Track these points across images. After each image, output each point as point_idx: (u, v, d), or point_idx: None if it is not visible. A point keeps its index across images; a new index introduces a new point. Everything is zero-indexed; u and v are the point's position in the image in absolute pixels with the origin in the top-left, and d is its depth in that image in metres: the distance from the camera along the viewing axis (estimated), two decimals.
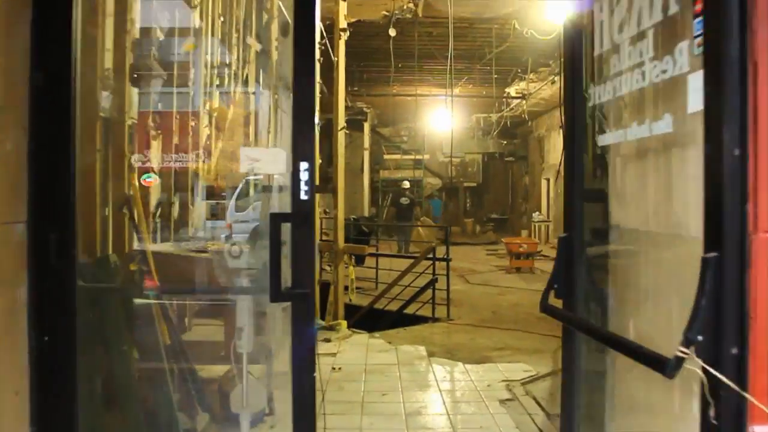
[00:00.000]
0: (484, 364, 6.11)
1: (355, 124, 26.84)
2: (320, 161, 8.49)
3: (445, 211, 28.87)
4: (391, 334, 7.58)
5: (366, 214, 24.49)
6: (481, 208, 29.98)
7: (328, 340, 7.17)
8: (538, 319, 8.54)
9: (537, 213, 22.04)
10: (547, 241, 20.36)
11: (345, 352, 6.64)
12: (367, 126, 26.32)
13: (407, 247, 18.36)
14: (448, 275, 8.82)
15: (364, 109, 25.34)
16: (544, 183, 22.85)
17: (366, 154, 26.54)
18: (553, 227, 21.36)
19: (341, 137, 7.70)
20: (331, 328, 7.73)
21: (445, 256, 8.89)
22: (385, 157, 28.72)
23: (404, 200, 19.50)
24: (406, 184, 20.40)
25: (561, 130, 19.55)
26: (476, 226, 27.40)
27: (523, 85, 18.32)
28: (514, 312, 9.16)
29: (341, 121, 7.71)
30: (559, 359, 6.28)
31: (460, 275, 13.22)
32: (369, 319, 9.49)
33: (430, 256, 8.89)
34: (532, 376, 5.65)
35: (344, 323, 7.80)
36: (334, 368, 5.94)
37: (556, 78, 15.61)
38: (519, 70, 17.41)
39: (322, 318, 8.11)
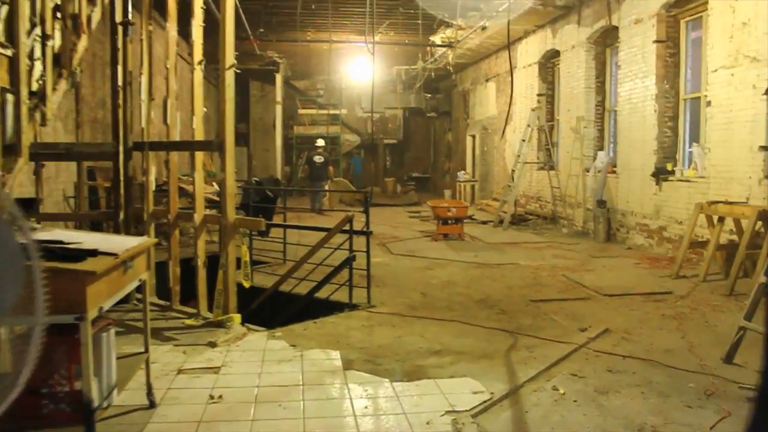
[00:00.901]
0: (418, 381, 4.56)
1: (266, 76, 24.69)
2: (205, 110, 6.65)
3: (364, 171, 27.26)
4: (297, 332, 5.93)
5: (279, 173, 22.62)
6: (402, 167, 28.52)
7: (213, 345, 5.44)
8: (476, 303, 7.12)
9: (462, 172, 20.72)
10: (473, 202, 19.10)
11: (233, 365, 4.95)
12: (279, 78, 24.21)
13: (320, 206, 17.00)
14: (368, 252, 7.20)
15: (276, 59, 23.18)
16: (469, 140, 21.51)
17: (279, 109, 24.50)
18: (479, 186, 20.10)
19: (230, 77, 5.87)
20: (219, 325, 6.01)
21: (365, 229, 7.26)
22: (300, 112, 26.72)
23: (318, 159, 17.93)
24: (321, 142, 18.75)
25: (486, 84, 18.08)
26: (397, 185, 25.93)
27: (449, 32, 16.71)
28: (447, 293, 7.68)
29: (230, 56, 5.88)
30: (515, 368, 4.81)
31: (381, 243, 11.69)
32: (272, 305, 7.83)
33: (347, 228, 7.24)
34: (485, 402, 4.13)
35: (237, 318, 6.09)
36: (212, 397, 4.24)
37: (487, 23, 14.06)
38: (446, 15, 15.78)
39: (209, 310, 6.38)
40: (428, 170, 28.09)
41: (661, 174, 10.65)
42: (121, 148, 6.74)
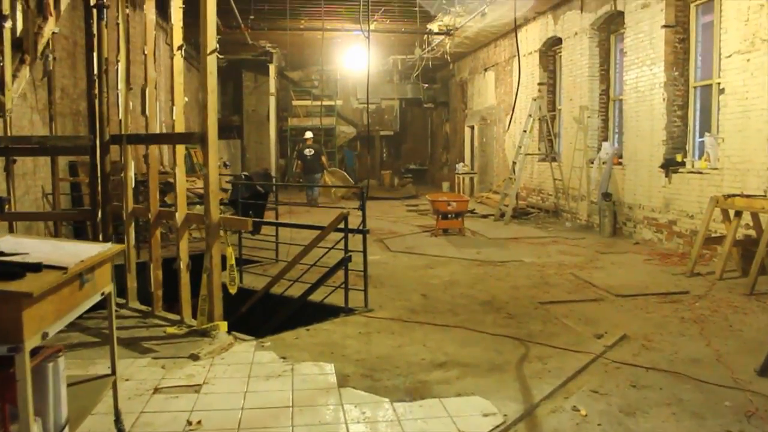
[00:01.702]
0: (422, 401, 4.08)
1: (259, 67, 24.10)
2: (186, 99, 6.13)
3: (359, 163, 26.70)
4: (288, 341, 5.45)
5: (273, 166, 22.09)
6: (399, 159, 27.98)
7: (195, 358, 4.96)
8: (481, 306, 6.63)
9: (461, 164, 20.22)
10: (472, 195, 18.60)
11: (216, 382, 4.47)
12: (273, 68, 23.60)
13: (314, 199, 16.81)
14: (365, 254, 6.70)
15: (269, 49, 22.59)
16: (467, 131, 20.99)
17: (272, 100, 23.90)
18: (479, 179, 19.61)
19: (211, 64, 5.36)
20: (204, 334, 5.52)
21: (361, 226, 6.77)
22: (294, 103, 26.12)
23: (308, 152, 17.58)
24: (309, 134, 18.38)
25: (485, 73, 17.58)
26: (394, 178, 25.42)
27: (447, 19, 16.15)
28: (450, 295, 7.19)
29: (211, 40, 5.36)
30: (529, 383, 4.32)
31: (379, 239, 11.21)
32: (263, 309, 7.34)
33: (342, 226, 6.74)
34: (497, 426, 3.66)
35: (223, 326, 5.60)
36: (190, 422, 3.76)
37: (487, 9, 13.52)
38: (444, 1, 15.23)
39: (194, 317, 5.89)
40: (426, 162, 27.57)
41: (670, 165, 10.17)
42: (97, 142, 6.23)
